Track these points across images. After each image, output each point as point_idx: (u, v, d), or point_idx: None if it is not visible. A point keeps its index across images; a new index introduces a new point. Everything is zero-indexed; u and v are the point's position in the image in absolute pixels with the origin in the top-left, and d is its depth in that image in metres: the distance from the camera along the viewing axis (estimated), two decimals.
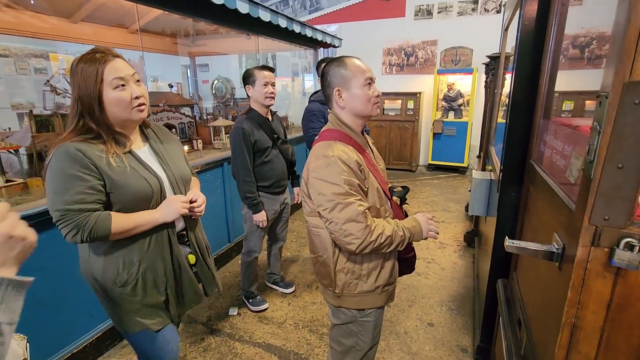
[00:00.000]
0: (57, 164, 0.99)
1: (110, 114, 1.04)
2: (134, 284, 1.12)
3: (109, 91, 1.02)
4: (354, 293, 1.21)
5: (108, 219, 1.03)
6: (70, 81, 1.04)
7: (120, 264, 1.11)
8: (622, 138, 0.63)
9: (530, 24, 1.32)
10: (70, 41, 3.45)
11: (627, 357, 0.73)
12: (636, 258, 0.65)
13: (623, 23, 0.61)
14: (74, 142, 1.00)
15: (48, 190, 1.01)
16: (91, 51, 1.03)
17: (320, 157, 1.11)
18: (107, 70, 1.01)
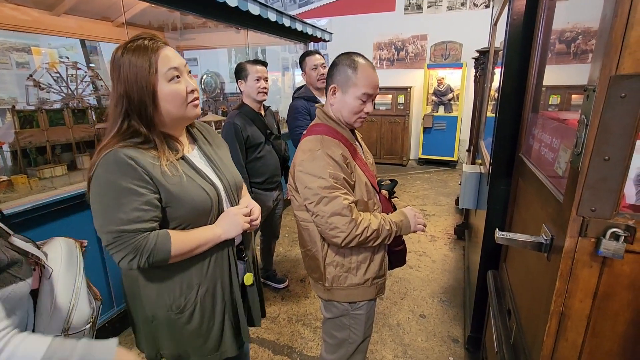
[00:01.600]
0: (106, 176, 0.83)
1: (164, 111, 0.89)
2: (192, 310, 0.98)
3: (163, 84, 0.86)
4: (343, 286, 1.22)
5: (168, 239, 0.87)
6: (112, 75, 0.86)
7: (177, 289, 0.96)
8: (609, 130, 0.64)
9: (519, 18, 1.33)
10: (53, 34, 3.35)
11: (612, 343, 0.75)
12: (621, 247, 0.67)
13: (610, 17, 0.62)
14: (123, 148, 0.84)
15: (95, 207, 0.84)
16: (137, 38, 0.87)
17: (307, 151, 1.11)
18: (161, 60, 0.86)
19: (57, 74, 2.81)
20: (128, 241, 0.83)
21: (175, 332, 0.99)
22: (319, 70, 2.25)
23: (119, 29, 3.47)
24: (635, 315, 0.72)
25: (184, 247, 0.90)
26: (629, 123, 0.62)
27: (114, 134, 0.87)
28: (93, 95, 3.09)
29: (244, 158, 2.02)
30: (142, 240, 0.84)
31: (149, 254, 0.85)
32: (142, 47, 0.85)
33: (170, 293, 0.96)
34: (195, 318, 0.99)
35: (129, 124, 0.87)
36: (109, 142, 0.86)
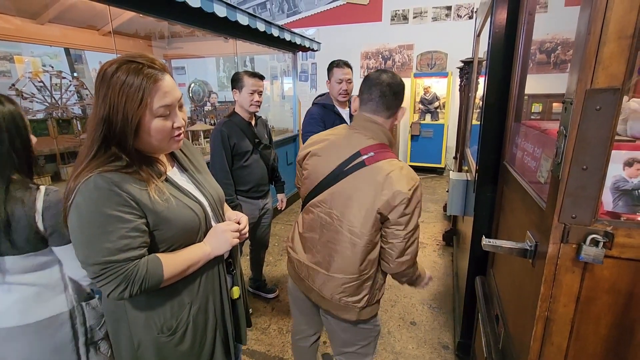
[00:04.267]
0: (87, 204, 0.76)
1: (144, 141, 0.83)
2: (184, 330, 0.93)
3: (150, 118, 0.80)
4: (372, 303, 1.23)
5: (159, 264, 0.83)
6: (97, 91, 0.78)
7: (168, 310, 0.91)
8: (586, 141, 0.67)
9: (501, 31, 1.38)
10: (37, 43, 3.30)
11: (595, 346, 0.77)
12: (601, 253, 0.69)
13: (584, 34, 0.65)
14: (105, 172, 0.77)
15: (78, 238, 0.78)
16: (134, 59, 0.79)
17: (410, 179, 1.08)
18: (156, 95, 0.79)
19: (41, 83, 2.76)
20: (118, 271, 0.78)
21: (164, 355, 0.93)
22: (343, 86, 2.13)
23: (105, 37, 3.45)
24: (616, 318, 0.75)
25: (176, 269, 0.86)
26: (604, 134, 0.65)
27: (90, 157, 0.79)
28: (78, 105, 3.04)
29: (230, 165, 2.03)
30: (132, 268, 0.79)
31: (141, 281, 0.80)
32: (138, 71, 0.77)
33: (160, 315, 0.91)
34: (187, 338, 0.95)
35: (107, 149, 0.80)
36: (87, 166, 0.78)
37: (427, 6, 6.02)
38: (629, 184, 0.78)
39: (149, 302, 0.90)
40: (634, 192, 0.78)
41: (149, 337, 0.91)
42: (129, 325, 0.91)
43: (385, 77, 1.14)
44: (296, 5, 6.88)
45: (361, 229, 1.10)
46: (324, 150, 1.20)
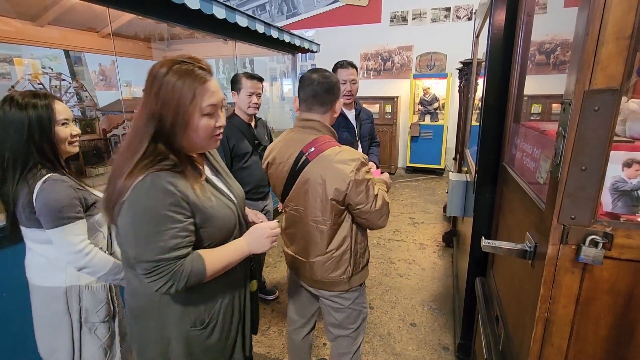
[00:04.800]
0: (143, 202, 0.79)
1: (188, 138, 0.86)
2: (214, 324, 0.98)
3: (198, 116, 0.84)
4: (358, 270, 1.36)
5: (201, 261, 0.86)
6: (149, 88, 0.83)
7: (202, 304, 0.95)
8: (585, 142, 0.67)
9: (499, 32, 1.38)
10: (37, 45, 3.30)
11: (595, 347, 0.77)
12: (600, 254, 0.69)
13: (582, 35, 0.65)
14: (160, 172, 0.80)
15: (131, 235, 0.81)
16: (186, 61, 0.84)
17: (349, 161, 1.17)
18: (205, 94, 0.83)
19: (41, 85, 2.77)
20: (167, 269, 0.81)
21: (193, 349, 0.96)
22: (347, 87, 2.05)
23: (105, 39, 3.45)
24: (616, 319, 0.74)
25: (217, 266, 0.90)
26: (603, 135, 0.65)
27: (141, 156, 0.81)
28: (78, 107, 3.04)
29: (229, 167, 2.03)
30: (179, 267, 0.82)
31: (186, 279, 0.83)
32: (190, 73, 0.82)
33: (195, 309, 0.94)
34: (216, 331, 0.99)
35: (156, 146, 0.83)
36: (138, 165, 0.80)
37: (426, 7, 6.03)
38: (628, 185, 0.78)
39: (187, 296, 0.92)
40: (633, 193, 0.78)
41: (181, 331, 0.93)
42: (162, 321, 0.93)
43: (316, 76, 1.24)
44: (295, 7, 6.89)
45: (322, 217, 1.23)
46: (277, 157, 1.30)
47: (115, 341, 1.29)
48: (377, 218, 1.26)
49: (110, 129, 2.65)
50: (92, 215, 1.19)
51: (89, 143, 2.53)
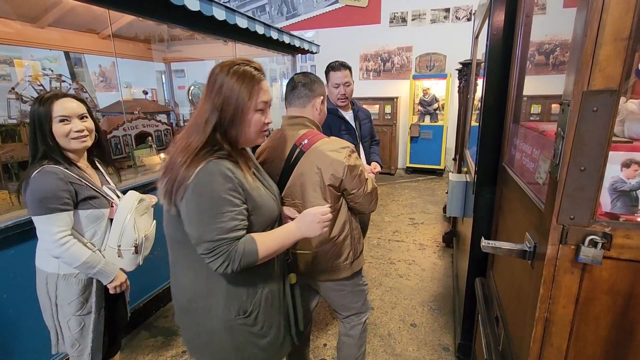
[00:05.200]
0: (207, 186, 0.87)
1: (242, 132, 0.96)
2: (257, 313, 1.03)
3: (252, 112, 0.94)
4: (357, 255, 1.43)
5: (253, 243, 0.93)
6: (211, 84, 0.93)
7: (245, 293, 1.01)
8: (584, 142, 0.67)
9: (499, 33, 1.39)
10: (37, 47, 3.30)
11: (595, 347, 0.77)
12: (599, 254, 0.69)
13: (580, 36, 0.65)
14: (220, 159, 0.90)
15: (194, 216, 0.89)
16: (245, 62, 0.95)
17: (341, 149, 1.26)
18: (260, 91, 0.94)
19: (41, 87, 2.77)
20: (225, 249, 0.89)
21: (239, 338, 1.02)
22: (341, 90, 2.05)
23: (105, 41, 3.46)
24: (615, 319, 0.75)
25: (269, 248, 0.95)
26: (602, 135, 0.66)
27: (202, 145, 0.90)
28: None
29: None
30: (234, 247, 0.89)
31: (239, 259, 0.90)
32: (248, 74, 0.93)
33: (237, 298, 1.00)
34: (259, 320, 1.04)
35: (215, 137, 0.92)
36: (200, 153, 0.89)
37: (425, 8, 6.04)
38: (627, 185, 0.78)
39: (228, 287, 0.99)
40: (631, 193, 0.78)
41: (227, 320, 1.00)
42: (208, 312, 1.00)
43: (297, 77, 1.36)
44: (295, 8, 6.90)
45: (323, 204, 1.26)
46: (269, 157, 1.34)
47: (87, 337, 1.31)
48: (369, 202, 1.35)
49: (111, 130, 2.66)
50: (91, 207, 1.25)
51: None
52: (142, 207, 1.37)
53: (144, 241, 1.34)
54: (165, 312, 2.40)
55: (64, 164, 1.22)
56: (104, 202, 1.30)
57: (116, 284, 1.30)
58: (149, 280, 2.35)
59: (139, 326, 2.24)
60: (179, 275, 1.04)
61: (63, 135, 1.22)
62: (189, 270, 1.01)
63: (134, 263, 1.35)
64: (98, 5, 1.97)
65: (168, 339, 2.14)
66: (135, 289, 2.25)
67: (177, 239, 0.99)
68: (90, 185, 1.27)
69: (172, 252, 1.05)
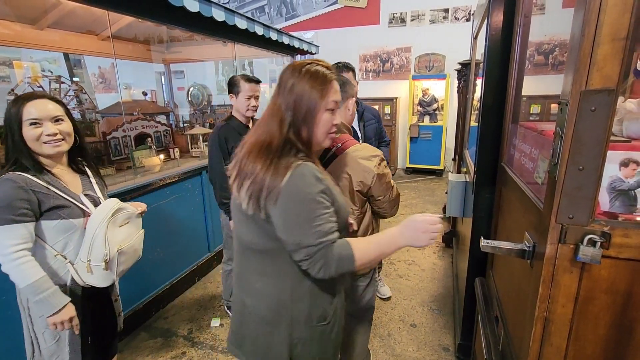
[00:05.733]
0: (302, 189, 0.84)
1: (312, 133, 0.92)
2: (334, 319, 1.02)
3: (322, 111, 0.91)
4: None
5: (348, 248, 0.87)
6: (284, 83, 0.91)
7: (326, 300, 0.99)
8: (582, 142, 0.68)
9: (497, 33, 1.39)
10: (36, 48, 3.31)
11: (594, 346, 0.77)
12: (598, 253, 0.69)
13: (578, 36, 0.66)
14: (307, 161, 0.87)
15: (292, 221, 0.85)
16: (315, 62, 0.93)
17: (372, 157, 1.29)
18: (331, 91, 0.91)
19: (40, 88, 2.77)
20: (324, 252, 0.85)
21: (318, 345, 1.00)
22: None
23: (105, 42, 3.46)
24: (615, 318, 0.75)
25: (368, 255, 0.89)
26: (600, 135, 0.66)
27: (281, 145, 0.87)
28: (77, 110, 3.05)
29: None
30: (330, 251, 0.86)
31: (335, 264, 0.86)
32: (320, 73, 0.91)
33: (319, 306, 0.98)
34: (335, 326, 1.03)
35: (289, 137, 0.89)
36: (282, 154, 0.87)
37: (424, 9, 6.05)
38: (625, 184, 0.78)
39: (312, 296, 0.96)
40: (630, 192, 0.78)
41: (310, 328, 0.97)
42: (292, 321, 0.96)
43: None
44: (294, 9, 6.91)
45: (352, 207, 1.34)
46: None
47: (64, 349, 1.24)
48: (391, 207, 1.40)
49: (110, 132, 2.65)
50: (59, 218, 1.15)
51: (88, 146, 2.52)
52: (120, 218, 1.26)
53: (116, 256, 1.22)
54: (164, 314, 2.39)
55: (32, 171, 1.14)
56: (76, 211, 1.18)
57: (57, 320, 1.14)
58: (148, 281, 2.35)
59: (139, 327, 2.24)
60: (257, 284, 0.98)
61: (33, 139, 1.13)
62: (271, 279, 0.96)
63: (107, 279, 1.23)
64: (97, 7, 1.98)
65: (167, 340, 2.13)
66: (135, 290, 2.26)
67: (257, 247, 0.94)
68: (61, 194, 1.16)
69: (247, 261, 0.99)
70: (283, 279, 0.95)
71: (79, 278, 1.20)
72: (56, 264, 1.18)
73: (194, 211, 2.76)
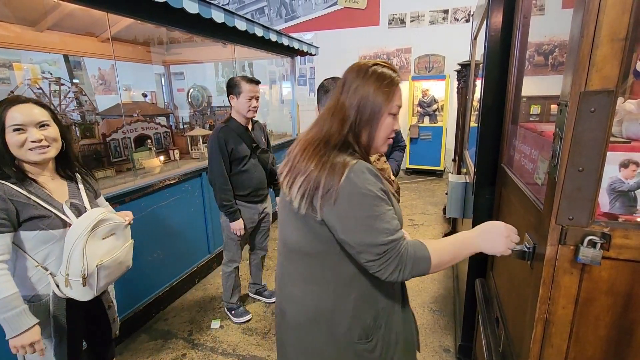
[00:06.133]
0: (363, 188, 0.79)
1: (372, 136, 0.89)
2: (378, 337, 0.93)
3: (386, 115, 0.88)
4: None
5: (423, 247, 0.82)
6: (348, 83, 0.89)
7: (370, 315, 0.91)
8: (581, 143, 0.67)
9: (497, 34, 1.39)
10: (36, 50, 3.31)
11: (594, 347, 0.77)
12: (598, 254, 0.69)
13: (577, 37, 0.66)
14: (361, 160, 0.84)
15: (357, 221, 0.79)
16: (382, 64, 0.90)
17: None
18: (396, 95, 0.89)
19: (40, 90, 2.77)
20: (397, 251, 0.80)
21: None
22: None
23: (104, 44, 3.46)
24: (615, 319, 0.74)
25: (442, 257, 0.84)
26: (599, 136, 0.66)
27: (340, 143, 0.85)
28: (77, 111, 3.05)
29: (227, 170, 2.03)
30: (404, 249, 0.81)
31: (412, 263, 0.81)
32: (387, 76, 0.88)
33: (363, 320, 0.91)
34: (379, 347, 0.93)
35: (347, 138, 0.86)
36: (331, 153, 0.83)
37: (424, 10, 6.06)
38: (625, 185, 0.78)
39: (355, 306, 0.90)
40: (630, 193, 0.78)
41: (349, 344, 0.91)
42: (331, 332, 0.91)
43: (327, 82, 1.51)
44: (294, 10, 6.92)
45: None
46: None
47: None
48: None
49: (110, 133, 2.65)
50: (38, 229, 1.11)
51: (88, 147, 2.53)
52: (103, 230, 1.19)
53: (95, 272, 1.15)
54: (164, 315, 2.39)
55: (13, 179, 1.09)
56: (56, 222, 1.13)
57: (17, 343, 1.06)
58: (148, 283, 2.35)
59: (139, 329, 2.24)
60: (296, 289, 0.94)
61: (17, 145, 1.08)
62: (314, 286, 0.91)
63: (86, 294, 1.16)
64: (97, 9, 1.98)
65: (167, 342, 2.13)
66: (135, 292, 2.25)
67: (304, 250, 0.90)
68: (41, 204, 1.11)
69: (290, 264, 0.95)
70: (326, 287, 0.90)
71: (59, 291, 1.15)
72: (37, 275, 1.14)
73: (193, 213, 2.76)
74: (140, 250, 1.44)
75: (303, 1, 6.81)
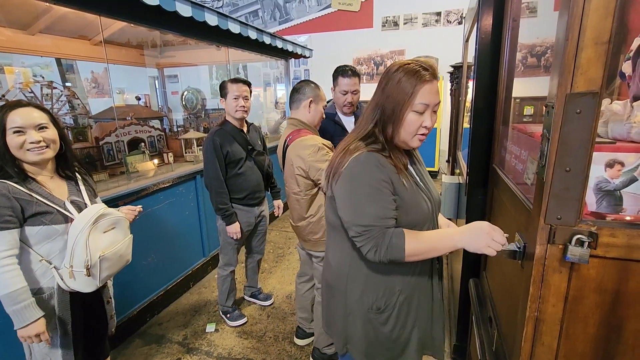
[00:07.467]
0: (362, 173, 0.92)
1: (398, 131, 0.95)
2: (389, 314, 1.03)
3: (409, 111, 0.92)
4: None
5: (401, 236, 0.91)
6: (380, 84, 0.96)
7: (381, 290, 1.02)
8: (568, 144, 0.69)
9: (487, 37, 1.41)
10: (27, 54, 3.29)
11: (584, 344, 0.78)
12: (586, 253, 0.71)
13: (562, 40, 0.67)
14: (372, 152, 0.94)
15: (347, 201, 0.95)
16: (414, 63, 0.93)
17: (309, 146, 1.57)
18: (421, 93, 0.91)
19: (32, 94, 2.75)
20: (374, 235, 0.91)
21: (368, 329, 1.05)
22: (348, 98, 2.06)
23: (97, 47, 3.44)
24: (604, 317, 0.76)
25: (418, 248, 0.91)
26: (585, 136, 0.67)
27: (361, 137, 0.97)
28: (69, 115, 3.03)
29: (223, 173, 2.03)
30: (381, 235, 0.91)
31: (386, 248, 0.90)
32: (414, 72, 0.91)
33: (372, 294, 1.02)
34: (391, 322, 1.04)
35: (373, 130, 0.97)
36: (354, 143, 0.97)
37: (417, 12, 6.11)
38: (611, 185, 0.80)
39: (365, 280, 1.03)
40: (616, 193, 0.79)
41: (360, 311, 1.04)
42: (345, 296, 1.06)
43: (295, 85, 1.72)
44: (288, 13, 6.94)
45: (296, 189, 1.66)
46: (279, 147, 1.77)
47: (56, 352, 1.25)
48: None
49: (103, 137, 2.64)
50: (41, 224, 1.17)
51: (81, 151, 2.51)
52: (104, 223, 1.26)
53: (98, 263, 1.22)
54: (159, 320, 2.37)
55: (16, 178, 1.15)
56: (58, 217, 1.20)
57: (24, 333, 1.13)
58: (142, 287, 2.33)
59: (133, 334, 2.22)
60: (329, 254, 1.13)
61: (17, 147, 1.15)
62: (336, 252, 1.08)
63: (91, 285, 1.24)
64: (89, 12, 1.98)
65: (162, 347, 2.12)
66: (129, 296, 2.24)
67: (330, 222, 1.07)
68: (43, 201, 1.18)
69: (328, 236, 1.14)
70: (344, 254, 1.05)
71: (63, 283, 1.21)
72: (41, 268, 1.20)
73: (188, 216, 2.75)
74: (135, 254, 1.44)
75: (297, 4, 6.84)
